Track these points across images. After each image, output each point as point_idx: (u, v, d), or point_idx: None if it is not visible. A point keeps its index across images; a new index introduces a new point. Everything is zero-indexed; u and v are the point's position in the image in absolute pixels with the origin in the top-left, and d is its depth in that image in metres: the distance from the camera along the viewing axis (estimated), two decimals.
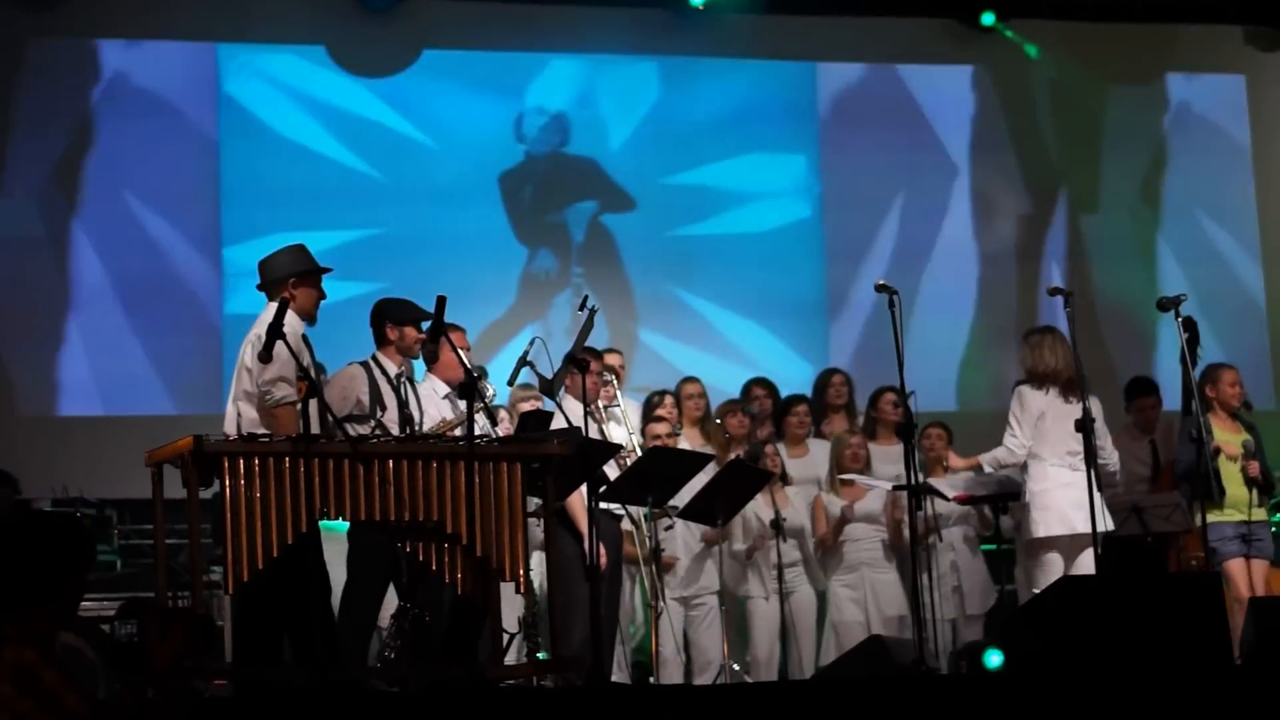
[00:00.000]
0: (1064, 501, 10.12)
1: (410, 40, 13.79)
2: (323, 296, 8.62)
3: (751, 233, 14.22)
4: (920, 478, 10.00)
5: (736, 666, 10.49)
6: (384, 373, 8.92)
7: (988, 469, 10.58)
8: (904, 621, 10.75)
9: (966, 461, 11.00)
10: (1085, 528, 9.58)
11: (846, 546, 11.04)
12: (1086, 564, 9.93)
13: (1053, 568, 10.12)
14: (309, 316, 8.52)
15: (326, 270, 8.62)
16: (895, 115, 14.63)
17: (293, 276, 8.47)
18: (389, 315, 9.07)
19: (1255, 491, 10.74)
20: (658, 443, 10.56)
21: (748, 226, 14.23)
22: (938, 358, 13.99)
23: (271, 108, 13.46)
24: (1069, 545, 10.13)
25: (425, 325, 8.74)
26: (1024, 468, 10.38)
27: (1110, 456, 10.43)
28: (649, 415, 11.25)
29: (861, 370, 12.53)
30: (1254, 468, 10.75)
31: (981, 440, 11.14)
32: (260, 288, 8.55)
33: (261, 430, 8.06)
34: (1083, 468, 9.67)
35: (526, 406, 10.31)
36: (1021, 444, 10.34)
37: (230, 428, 8.16)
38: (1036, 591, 9.72)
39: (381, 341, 9.04)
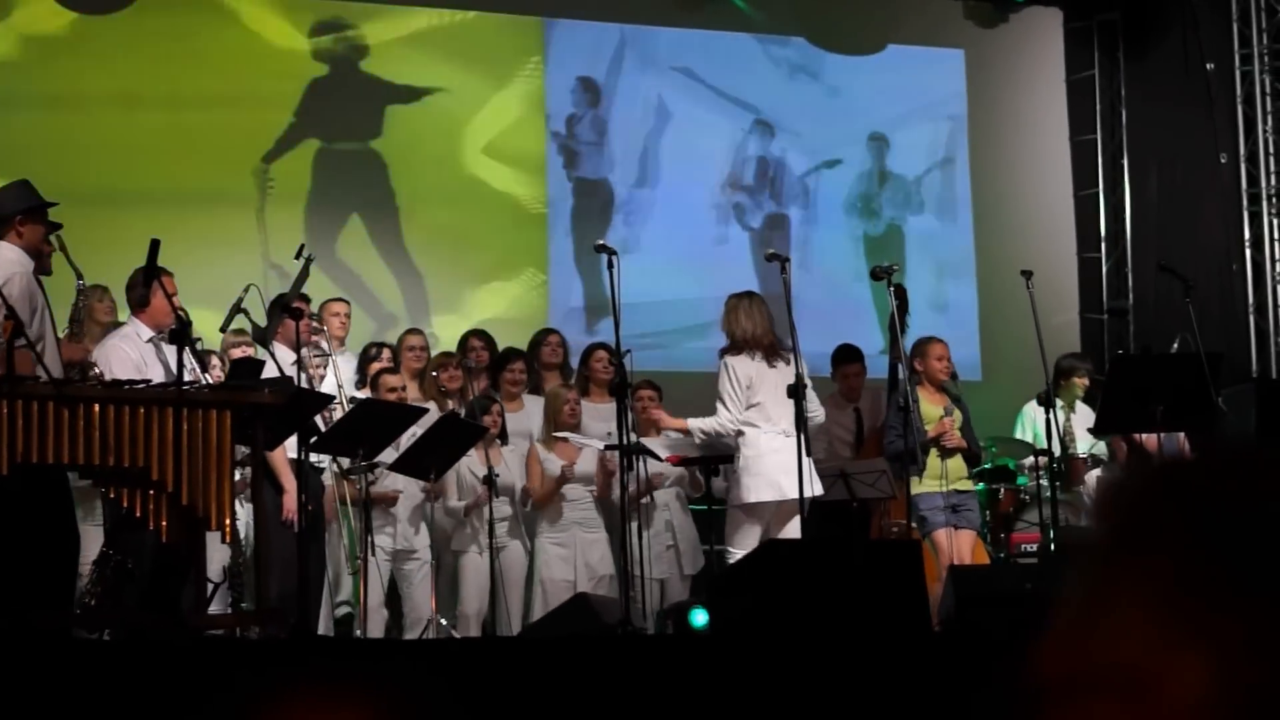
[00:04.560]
0: (775, 467, 10.15)
1: None
2: (50, 231, 8.41)
3: (477, 186, 14.15)
4: (633, 437, 10.05)
5: (444, 621, 10.48)
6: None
7: (697, 437, 10.55)
8: (613, 581, 10.80)
9: (676, 423, 10.92)
10: (795, 493, 9.67)
11: (561, 504, 11.06)
12: (796, 528, 10.03)
13: (758, 533, 10.21)
14: (37, 253, 8.30)
15: (53, 204, 8.42)
16: (626, 74, 14.64)
17: (19, 214, 8.27)
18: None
19: (948, 462, 10.76)
20: (391, 396, 10.49)
21: (475, 180, 14.16)
22: (660, 316, 14.03)
23: None
24: (777, 511, 10.20)
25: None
26: (738, 432, 10.42)
27: (816, 411, 10.47)
28: (365, 367, 11.18)
29: (576, 329, 12.56)
30: (944, 425, 10.76)
31: (693, 403, 11.22)
32: None
33: None
34: (794, 433, 9.74)
35: (238, 353, 10.19)
36: (733, 417, 10.35)
37: None
38: (742, 554, 9.82)
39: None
